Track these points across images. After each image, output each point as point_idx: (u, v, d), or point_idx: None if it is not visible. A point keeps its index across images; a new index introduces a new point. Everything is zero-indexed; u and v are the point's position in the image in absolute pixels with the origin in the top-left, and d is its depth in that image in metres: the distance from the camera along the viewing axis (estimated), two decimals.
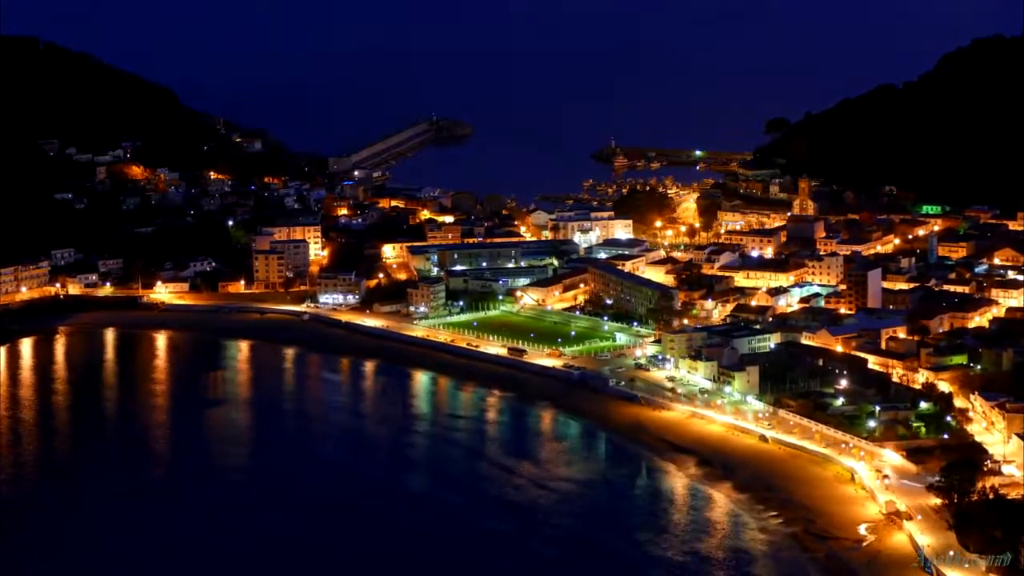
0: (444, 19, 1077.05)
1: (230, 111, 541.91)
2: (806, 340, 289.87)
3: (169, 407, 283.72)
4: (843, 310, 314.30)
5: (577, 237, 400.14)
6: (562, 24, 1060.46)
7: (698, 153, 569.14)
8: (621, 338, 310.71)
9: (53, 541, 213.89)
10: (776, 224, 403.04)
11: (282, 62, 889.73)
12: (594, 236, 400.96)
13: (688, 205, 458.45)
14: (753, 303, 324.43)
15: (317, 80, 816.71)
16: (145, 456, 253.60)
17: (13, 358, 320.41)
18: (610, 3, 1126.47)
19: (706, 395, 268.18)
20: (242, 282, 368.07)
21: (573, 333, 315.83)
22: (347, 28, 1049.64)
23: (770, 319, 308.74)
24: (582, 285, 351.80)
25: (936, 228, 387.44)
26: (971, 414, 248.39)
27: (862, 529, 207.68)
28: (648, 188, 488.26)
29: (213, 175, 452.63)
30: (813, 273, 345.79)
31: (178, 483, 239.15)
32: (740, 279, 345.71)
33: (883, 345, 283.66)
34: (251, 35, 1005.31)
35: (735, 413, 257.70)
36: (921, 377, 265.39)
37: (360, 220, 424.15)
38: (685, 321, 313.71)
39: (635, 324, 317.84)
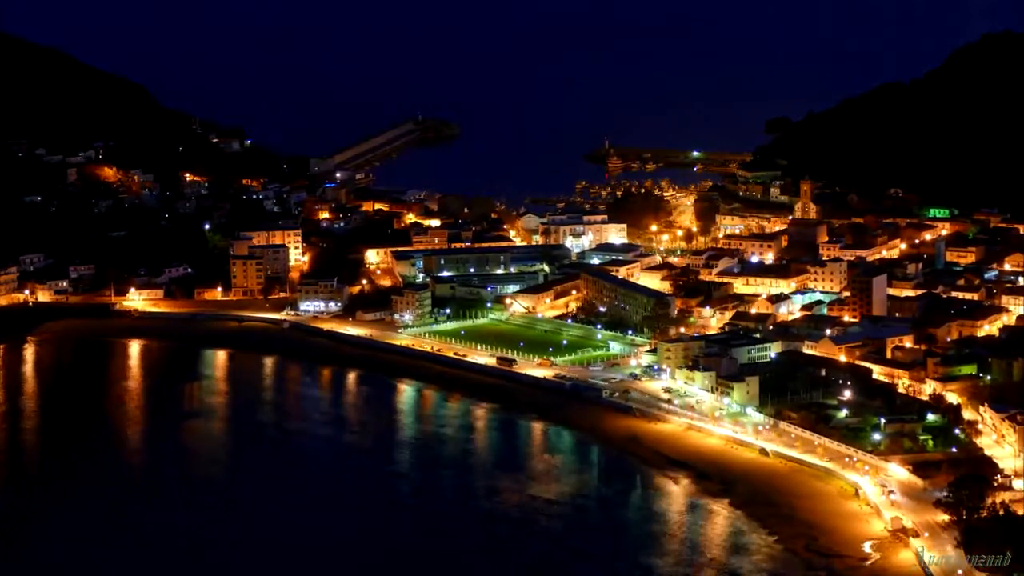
0: (432, 17, 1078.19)
1: (207, 110, 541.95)
2: (808, 349, 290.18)
3: (143, 419, 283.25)
4: (847, 318, 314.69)
5: (569, 242, 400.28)
6: (555, 21, 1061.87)
7: (695, 154, 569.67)
8: (615, 347, 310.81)
9: (17, 561, 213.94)
10: (777, 228, 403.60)
11: (262, 59, 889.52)
12: (587, 240, 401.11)
13: (685, 208, 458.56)
14: (753, 311, 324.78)
15: (299, 78, 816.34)
16: (117, 471, 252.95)
17: None
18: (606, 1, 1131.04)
19: (704, 406, 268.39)
20: (219, 289, 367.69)
21: (565, 342, 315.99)
22: (332, 26, 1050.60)
23: (770, 327, 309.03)
24: (574, 292, 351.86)
25: (944, 232, 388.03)
26: (980, 426, 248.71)
27: (867, 547, 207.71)
28: (643, 190, 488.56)
29: (189, 177, 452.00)
30: (815, 279, 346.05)
31: (152, 498, 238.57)
32: (739, 285, 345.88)
33: (888, 354, 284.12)
34: (230, 32, 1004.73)
35: (734, 425, 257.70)
36: (928, 388, 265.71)
37: (342, 224, 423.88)
38: (682, 329, 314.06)
39: (629, 333, 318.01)
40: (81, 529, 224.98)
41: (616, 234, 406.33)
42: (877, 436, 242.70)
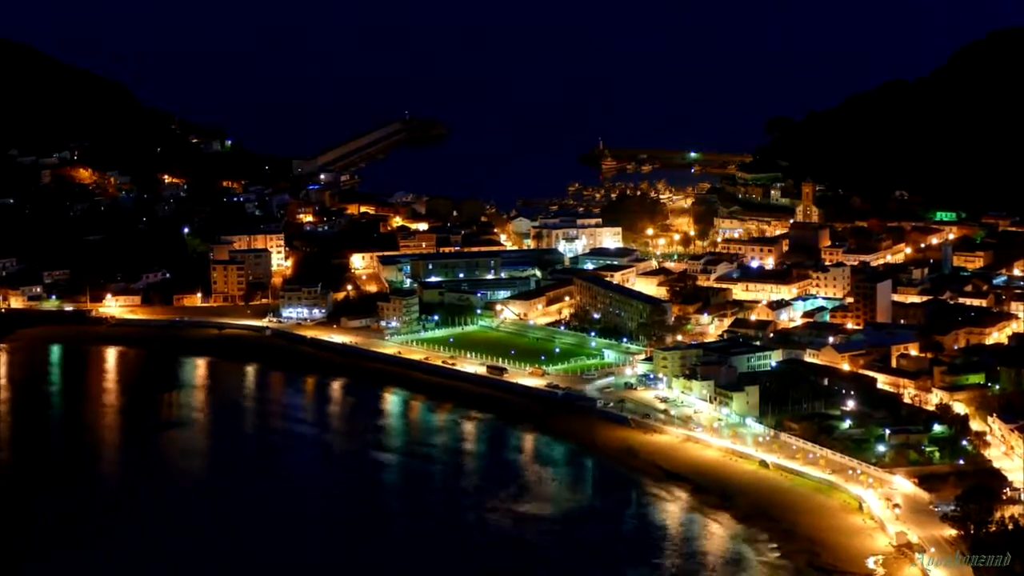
0: (421, 16, 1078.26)
1: (186, 109, 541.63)
2: (810, 358, 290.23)
3: (120, 430, 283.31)
4: (850, 325, 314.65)
5: (562, 246, 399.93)
6: (550, 19, 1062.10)
7: (693, 155, 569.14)
8: (610, 355, 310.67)
9: None
10: (777, 232, 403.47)
11: (243, 57, 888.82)
12: (580, 245, 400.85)
13: (682, 211, 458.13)
14: (752, 317, 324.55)
15: (281, 76, 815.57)
16: (93, 484, 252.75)
17: None
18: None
19: (701, 417, 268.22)
20: (199, 295, 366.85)
21: (557, 350, 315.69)
22: (317, 23, 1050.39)
23: (771, 335, 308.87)
24: (567, 298, 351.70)
25: (951, 236, 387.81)
26: (988, 438, 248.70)
27: (871, 562, 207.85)
28: (639, 193, 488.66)
29: (167, 178, 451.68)
30: (817, 285, 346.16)
31: (129, 510, 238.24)
32: (738, 291, 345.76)
33: (893, 363, 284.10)
34: (211, 30, 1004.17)
35: (733, 437, 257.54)
36: (934, 398, 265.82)
37: (327, 227, 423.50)
38: (679, 337, 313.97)
39: (625, 340, 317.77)
40: (58, 540, 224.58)
41: (611, 238, 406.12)
42: (881, 448, 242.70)
